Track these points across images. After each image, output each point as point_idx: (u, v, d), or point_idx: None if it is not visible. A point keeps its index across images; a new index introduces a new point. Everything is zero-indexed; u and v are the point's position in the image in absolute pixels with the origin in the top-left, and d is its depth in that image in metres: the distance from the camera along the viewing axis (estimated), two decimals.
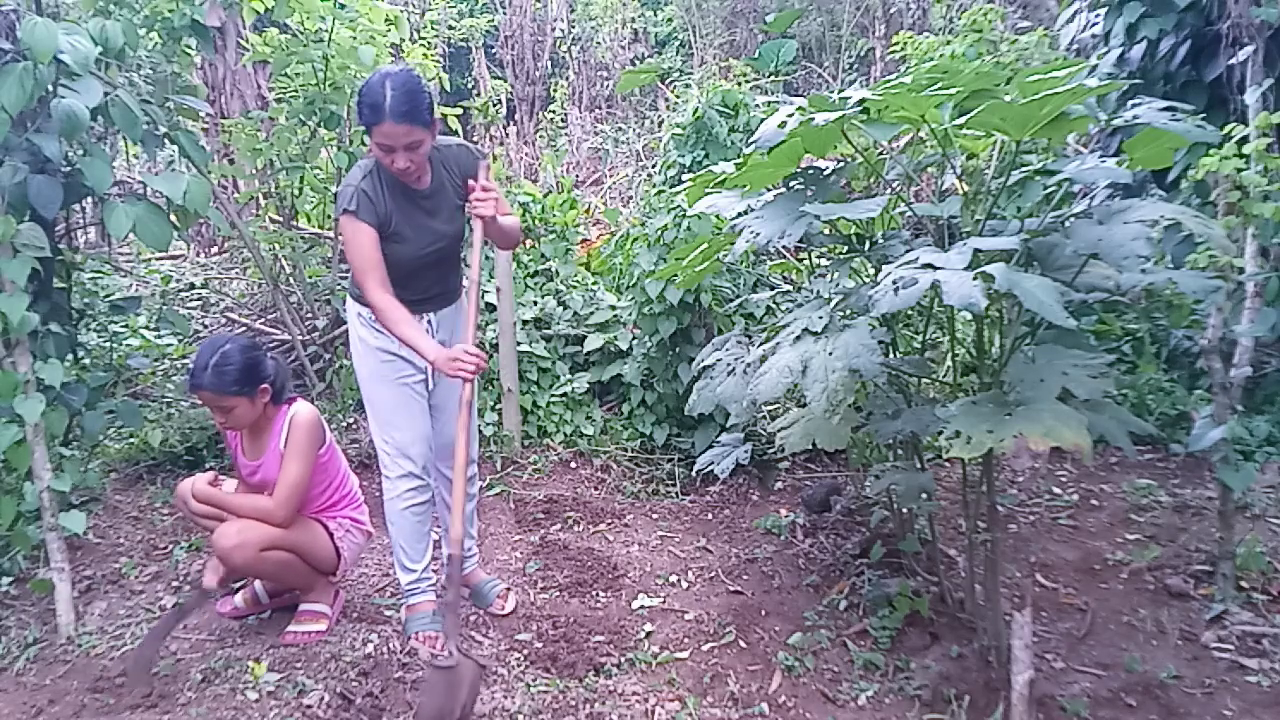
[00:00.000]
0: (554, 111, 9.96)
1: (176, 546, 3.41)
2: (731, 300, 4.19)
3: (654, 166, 6.97)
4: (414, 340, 2.54)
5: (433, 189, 2.68)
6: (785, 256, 3.68)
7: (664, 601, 3.07)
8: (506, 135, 9.17)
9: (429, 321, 2.76)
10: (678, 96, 7.83)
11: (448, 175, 2.70)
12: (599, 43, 10.50)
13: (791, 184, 2.66)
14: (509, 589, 3.09)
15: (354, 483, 3.04)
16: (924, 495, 2.73)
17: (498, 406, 4.44)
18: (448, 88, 7.10)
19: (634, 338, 4.55)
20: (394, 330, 2.57)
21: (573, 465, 4.34)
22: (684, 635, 2.85)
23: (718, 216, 3.54)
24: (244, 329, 4.99)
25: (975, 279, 1.86)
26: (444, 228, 2.70)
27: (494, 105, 8.80)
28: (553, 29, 10.92)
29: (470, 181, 2.66)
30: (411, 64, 4.73)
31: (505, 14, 10.91)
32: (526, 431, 4.50)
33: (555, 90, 10.31)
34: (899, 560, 3.06)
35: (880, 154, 2.86)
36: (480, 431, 4.17)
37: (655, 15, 11.27)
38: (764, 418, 3.98)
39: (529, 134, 10.01)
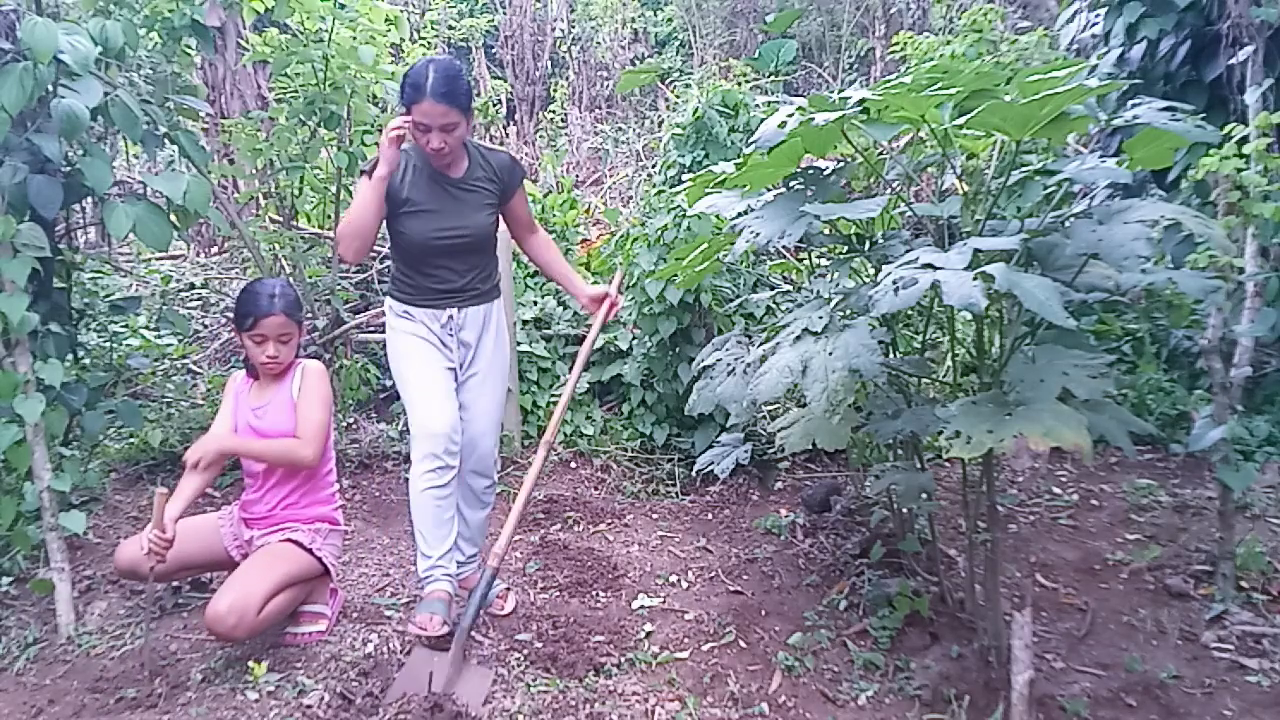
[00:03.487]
0: (554, 111, 9.95)
1: None
2: (731, 300, 4.18)
3: (654, 166, 6.97)
4: (373, 188, 2.64)
5: (464, 179, 2.80)
6: (785, 256, 3.69)
7: (664, 601, 3.07)
8: (506, 135, 9.17)
9: (451, 316, 2.81)
10: (678, 96, 7.83)
11: (485, 174, 2.83)
12: (599, 43, 10.50)
13: (791, 184, 2.66)
14: (509, 589, 3.09)
15: (334, 477, 3.04)
16: (924, 495, 2.73)
17: None
18: None
19: (634, 338, 4.55)
20: (358, 206, 2.68)
21: (573, 465, 4.34)
22: (684, 635, 2.85)
23: (718, 216, 3.53)
24: None
25: (975, 279, 1.86)
26: (466, 219, 2.78)
27: (494, 105, 8.80)
28: (553, 29, 10.92)
29: (608, 291, 3.01)
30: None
31: (505, 14, 10.90)
32: (526, 431, 4.50)
33: (555, 90, 10.30)
34: (899, 560, 3.06)
35: (880, 154, 2.86)
36: None
37: (655, 15, 11.26)
38: (764, 418, 3.98)
39: (529, 134, 10.01)
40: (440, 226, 2.75)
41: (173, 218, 3.12)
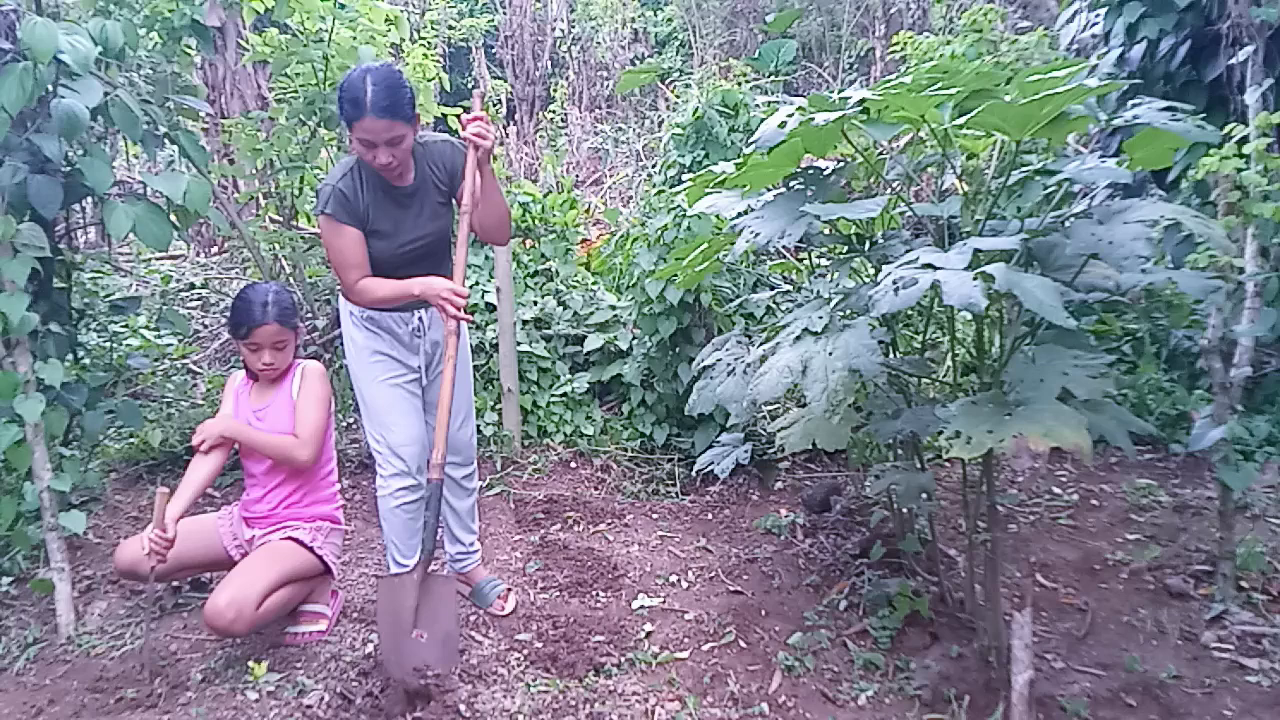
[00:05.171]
0: (554, 111, 9.95)
1: None
2: (731, 300, 4.18)
3: (654, 166, 6.97)
4: (399, 291, 2.61)
5: (415, 186, 2.69)
6: (785, 256, 3.68)
7: (664, 601, 3.07)
8: (506, 135, 9.17)
9: (420, 318, 2.78)
10: (678, 96, 7.83)
11: (431, 173, 2.71)
12: (599, 43, 10.50)
13: (791, 184, 2.66)
14: (509, 589, 3.09)
15: (335, 476, 3.04)
16: (924, 495, 2.73)
17: (498, 406, 4.44)
18: (448, 88, 7.08)
19: (634, 338, 4.55)
20: (380, 294, 2.62)
21: (573, 465, 4.34)
22: (684, 635, 2.85)
23: (718, 216, 3.53)
24: None
25: (975, 279, 1.86)
26: (426, 226, 2.71)
27: (494, 105, 8.80)
28: (553, 29, 10.92)
29: (464, 116, 2.63)
30: (411, 64, 4.73)
31: (505, 14, 10.91)
32: (526, 431, 4.50)
33: (555, 90, 10.30)
34: (899, 560, 3.06)
35: (880, 154, 2.86)
36: (480, 431, 4.17)
37: (655, 15, 11.27)
38: (764, 418, 3.98)
39: (529, 134, 10.01)
40: (402, 241, 2.67)
41: (173, 218, 3.12)
